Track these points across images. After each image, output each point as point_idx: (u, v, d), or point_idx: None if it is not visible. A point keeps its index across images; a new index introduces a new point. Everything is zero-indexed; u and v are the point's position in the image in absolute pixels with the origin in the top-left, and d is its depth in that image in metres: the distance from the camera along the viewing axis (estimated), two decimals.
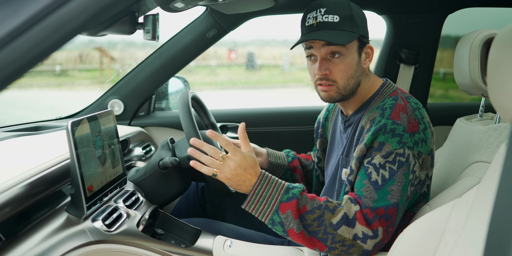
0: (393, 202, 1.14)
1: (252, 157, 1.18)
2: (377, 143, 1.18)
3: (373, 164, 1.17)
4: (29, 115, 8.03)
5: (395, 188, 1.15)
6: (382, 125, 1.18)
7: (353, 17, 1.23)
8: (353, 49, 1.25)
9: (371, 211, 1.14)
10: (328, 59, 1.25)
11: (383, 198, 1.15)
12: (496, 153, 0.92)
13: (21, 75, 0.59)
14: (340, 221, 1.13)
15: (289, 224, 1.13)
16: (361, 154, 1.21)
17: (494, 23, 2.36)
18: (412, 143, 1.17)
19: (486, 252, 0.49)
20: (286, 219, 1.13)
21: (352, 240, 1.13)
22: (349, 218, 1.14)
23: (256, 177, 1.17)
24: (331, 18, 1.22)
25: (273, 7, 1.82)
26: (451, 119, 1.71)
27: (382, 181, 1.15)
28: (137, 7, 1.26)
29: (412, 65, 2.17)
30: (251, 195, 1.17)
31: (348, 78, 1.25)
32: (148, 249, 1.18)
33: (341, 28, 1.22)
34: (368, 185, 1.17)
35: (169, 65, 2.08)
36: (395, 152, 1.16)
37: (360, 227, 1.13)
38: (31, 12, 0.56)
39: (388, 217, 1.14)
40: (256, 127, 2.22)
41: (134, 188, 1.43)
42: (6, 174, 1.03)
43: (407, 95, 1.29)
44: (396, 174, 1.15)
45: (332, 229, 1.13)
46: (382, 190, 1.15)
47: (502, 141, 1.27)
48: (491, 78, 0.68)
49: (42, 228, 1.03)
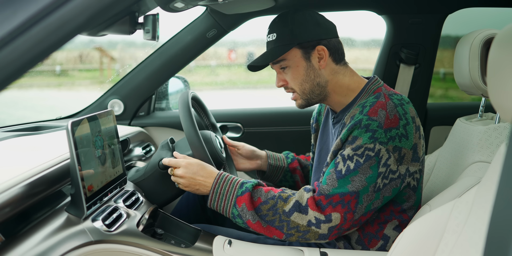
0: (351, 190, 1.19)
1: (196, 163, 1.32)
2: (351, 136, 1.23)
3: (342, 155, 1.23)
4: (29, 115, 8.03)
5: (357, 179, 1.20)
6: (358, 120, 1.22)
7: (288, 29, 1.32)
8: (296, 57, 1.33)
9: (326, 198, 1.20)
10: (281, 72, 1.37)
11: (342, 186, 1.20)
12: (496, 153, 0.92)
13: (21, 75, 0.59)
14: (292, 209, 1.21)
15: (245, 216, 1.24)
16: (337, 148, 1.27)
17: (494, 23, 2.36)
18: (386, 139, 1.20)
19: (486, 252, 0.49)
20: (242, 211, 1.24)
21: (307, 226, 1.20)
22: (302, 205, 1.21)
23: (212, 178, 1.30)
24: (271, 37, 1.35)
25: (273, 7, 1.82)
26: (451, 119, 1.71)
27: (345, 171, 1.20)
28: (137, 7, 1.26)
29: (412, 65, 2.17)
30: (211, 194, 1.28)
31: (300, 83, 1.35)
32: (148, 249, 1.18)
33: (278, 44, 1.33)
34: (332, 173, 1.22)
35: (169, 65, 2.08)
36: (365, 147, 1.20)
37: (312, 213, 1.20)
38: (31, 12, 0.56)
39: (345, 204, 1.19)
40: (256, 127, 2.22)
41: (134, 188, 1.43)
42: (6, 174, 1.03)
43: (390, 92, 1.31)
44: (361, 167, 1.20)
45: (286, 216, 1.21)
46: (344, 179, 1.20)
47: (502, 141, 1.27)
48: (491, 78, 0.68)
49: (42, 228, 1.03)
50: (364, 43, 6.46)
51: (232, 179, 1.29)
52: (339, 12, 2.14)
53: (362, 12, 2.17)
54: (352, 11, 2.16)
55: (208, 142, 1.46)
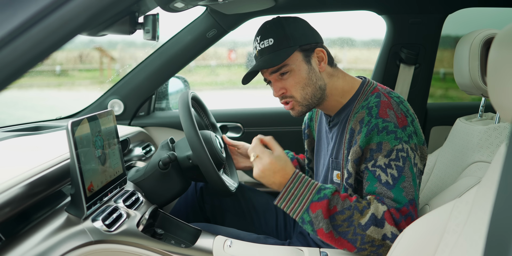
0: (410, 199, 1.15)
1: (281, 160, 1.19)
2: (375, 144, 1.18)
3: (379, 166, 1.18)
4: (29, 115, 8.03)
5: (407, 184, 1.16)
6: (374, 125, 1.19)
7: (286, 33, 1.28)
8: (297, 61, 1.29)
9: (397, 211, 1.14)
10: (279, 80, 1.31)
11: (399, 196, 1.15)
12: (496, 153, 0.92)
13: (21, 75, 0.59)
14: (368, 222, 1.13)
15: (318, 224, 1.14)
16: (357, 157, 1.21)
17: (494, 23, 2.36)
18: (407, 137, 1.19)
19: (486, 252, 0.49)
20: (316, 218, 1.14)
21: (381, 240, 1.13)
22: (378, 218, 1.14)
23: (287, 178, 1.18)
24: (267, 42, 1.29)
25: (273, 7, 1.82)
26: (451, 119, 1.71)
27: (392, 180, 1.16)
28: (137, 7, 1.26)
29: (412, 65, 2.17)
30: (283, 192, 1.18)
31: (302, 88, 1.30)
32: (148, 249, 1.18)
33: (278, 48, 1.28)
34: (380, 187, 1.17)
35: (169, 65, 2.08)
36: (395, 149, 1.17)
37: (389, 227, 1.13)
38: (31, 12, 0.56)
39: (411, 214, 1.15)
40: (256, 127, 2.22)
41: (134, 188, 1.43)
42: (6, 174, 1.03)
43: (387, 90, 1.31)
44: (404, 170, 1.16)
45: (361, 230, 1.13)
46: (395, 188, 1.16)
47: (502, 141, 1.27)
48: (491, 78, 0.68)
49: (42, 228, 1.03)
50: (364, 43, 6.46)
51: (308, 182, 1.19)
52: (339, 12, 2.14)
53: (362, 12, 2.17)
54: (352, 11, 2.16)
55: (208, 142, 1.46)
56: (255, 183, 2.15)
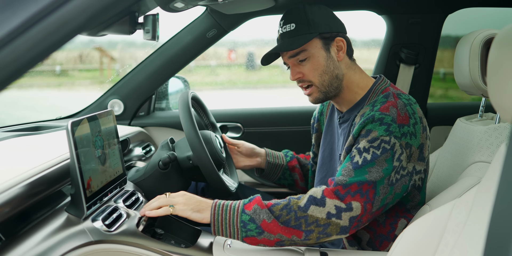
0: (369, 179, 1.15)
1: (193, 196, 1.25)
2: (365, 130, 1.21)
3: (358, 148, 1.20)
4: (29, 115, 8.03)
5: (374, 170, 1.17)
6: (370, 116, 1.21)
7: (308, 19, 1.30)
8: (317, 47, 1.31)
9: (343, 188, 1.15)
10: (297, 64, 1.33)
11: (360, 175, 1.16)
12: (496, 153, 0.92)
13: (21, 75, 0.59)
14: (307, 203, 1.15)
15: (259, 217, 1.15)
16: (349, 145, 1.25)
17: (494, 23, 2.36)
18: (399, 134, 1.19)
19: (486, 252, 0.49)
20: (255, 213, 1.16)
21: (326, 218, 1.13)
22: (317, 198, 1.15)
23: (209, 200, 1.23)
24: (289, 27, 1.32)
25: (273, 7, 1.82)
26: (451, 119, 1.70)
27: (362, 162, 1.18)
28: (137, 7, 1.26)
29: (412, 65, 2.17)
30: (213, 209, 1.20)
31: (320, 74, 1.31)
32: (148, 249, 1.18)
33: (299, 33, 1.30)
34: (348, 165, 1.19)
35: (169, 65, 2.08)
36: (381, 138, 1.18)
37: (331, 202, 1.14)
38: (31, 12, 0.56)
39: (363, 193, 1.14)
40: (256, 127, 2.22)
41: (134, 188, 1.43)
42: (6, 174, 1.03)
43: (398, 92, 1.31)
44: (378, 158, 1.17)
45: (302, 212, 1.14)
46: (360, 169, 1.17)
47: (502, 141, 1.27)
48: (491, 78, 0.68)
49: (42, 228, 1.03)
50: (364, 43, 6.45)
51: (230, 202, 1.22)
52: (339, 12, 2.14)
53: (362, 12, 2.17)
54: (352, 11, 2.16)
55: (208, 142, 1.46)
56: (255, 183, 2.15)
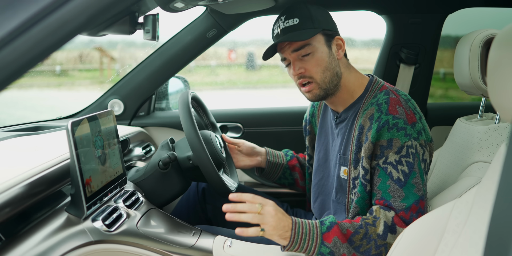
0: (420, 195, 1.18)
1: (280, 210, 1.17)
2: (385, 141, 1.21)
3: (390, 163, 1.20)
4: (29, 115, 8.02)
5: (418, 180, 1.19)
6: (384, 121, 1.21)
7: (312, 15, 1.30)
8: (320, 43, 1.31)
9: (406, 212, 1.17)
10: (300, 60, 1.31)
11: (410, 193, 1.18)
12: (496, 153, 0.92)
13: (21, 75, 0.59)
14: (384, 230, 1.15)
15: (339, 251, 1.14)
16: (370, 153, 1.23)
17: (494, 23, 2.36)
18: (416, 134, 1.21)
19: (486, 252, 0.49)
20: (335, 246, 1.14)
21: None
22: (389, 225, 1.16)
23: (290, 218, 1.16)
24: (292, 21, 1.30)
25: (273, 7, 1.81)
26: (451, 119, 1.70)
27: (404, 177, 1.19)
28: (137, 7, 1.26)
29: (412, 65, 2.17)
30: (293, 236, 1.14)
31: (323, 70, 1.30)
32: (148, 249, 1.18)
33: (303, 28, 1.29)
34: (392, 185, 1.19)
35: (169, 65, 2.08)
36: (406, 145, 1.19)
37: (400, 229, 1.15)
38: (31, 12, 0.56)
39: (422, 210, 1.18)
40: (256, 127, 2.22)
41: (134, 188, 1.43)
42: (6, 174, 1.03)
43: (395, 88, 1.33)
44: (414, 166, 1.19)
45: (382, 240, 1.15)
46: (407, 185, 1.18)
47: (502, 141, 1.27)
48: (491, 78, 0.68)
49: (42, 228, 1.03)
50: (364, 43, 6.45)
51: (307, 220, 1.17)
52: (339, 12, 2.13)
53: (362, 12, 2.16)
54: (352, 11, 2.16)
55: (208, 142, 1.46)
56: (255, 183, 2.15)
